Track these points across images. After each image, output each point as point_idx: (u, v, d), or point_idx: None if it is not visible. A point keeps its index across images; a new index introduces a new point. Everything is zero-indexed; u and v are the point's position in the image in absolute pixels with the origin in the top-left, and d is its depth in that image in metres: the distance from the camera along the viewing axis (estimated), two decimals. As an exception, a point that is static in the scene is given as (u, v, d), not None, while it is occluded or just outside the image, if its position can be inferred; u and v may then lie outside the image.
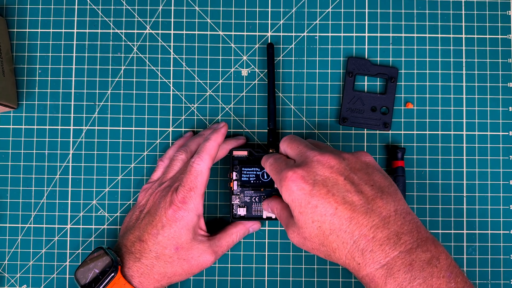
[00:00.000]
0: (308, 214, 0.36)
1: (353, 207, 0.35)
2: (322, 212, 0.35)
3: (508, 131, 0.49)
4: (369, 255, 0.34)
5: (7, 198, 0.49)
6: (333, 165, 0.37)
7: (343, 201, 0.35)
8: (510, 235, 0.48)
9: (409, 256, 0.34)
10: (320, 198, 0.36)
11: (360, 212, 0.35)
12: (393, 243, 0.34)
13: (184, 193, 0.42)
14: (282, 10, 0.50)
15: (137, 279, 0.41)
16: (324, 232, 0.36)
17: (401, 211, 0.36)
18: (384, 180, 0.38)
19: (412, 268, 0.33)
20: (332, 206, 0.35)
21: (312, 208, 0.36)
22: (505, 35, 0.50)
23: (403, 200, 0.37)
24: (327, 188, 0.36)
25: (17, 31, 0.50)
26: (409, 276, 0.33)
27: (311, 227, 0.36)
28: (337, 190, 0.36)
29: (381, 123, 0.49)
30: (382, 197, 0.36)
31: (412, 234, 0.35)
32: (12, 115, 0.49)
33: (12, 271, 0.48)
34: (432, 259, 0.34)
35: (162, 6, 0.50)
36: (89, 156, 0.49)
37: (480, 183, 0.49)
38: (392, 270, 0.34)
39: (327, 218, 0.35)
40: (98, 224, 0.49)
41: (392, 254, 0.34)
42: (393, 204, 0.36)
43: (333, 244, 0.36)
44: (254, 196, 0.46)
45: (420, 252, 0.34)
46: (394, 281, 0.34)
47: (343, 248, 0.35)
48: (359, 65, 0.49)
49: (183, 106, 0.49)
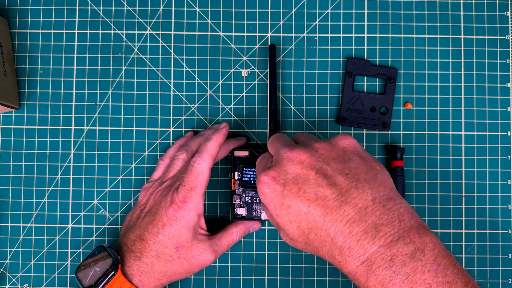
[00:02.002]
0: (284, 216, 0.35)
1: (326, 202, 0.33)
2: (296, 212, 0.34)
3: (507, 131, 0.49)
4: (348, 252, 0.32)
5: (8, 198, 0.49)
6: (303, 159, 0.35)
7: (315, 197, 0.33)
8: (509, 235, 0.48)
9: (390, 251, 0.31)
10: (291, 197, 0.34)
11: (333, 206, 0.33)
12: (371, 236, 0.31)
13: (185, 192, 0.42)
14: (282, 11, 0.50)
15: (137, 277, 0.42)
16: (304, 232, 0.34)
17: (380, 198, 0.33)
18: (362, 165, 0.35)
19: (393, 264, 0.31)
20: (304, 204, 0.33)
21: (286, 208, 0.34)
22: (504, 36, 0.50)
23: (385, 184, 0.34)
24: (298, 186, 0.34)
25: (19, 32, 0.50)
26: (390, 272, 0.31)
27: (291, 227, 0.35)
28: (308, 187, 0.34)
29: (380, 123, 0.49)
30: (357, 186, 0.33)
31: (393, 225, 0.32)
32: (14, 115, 0.50)
33: (13, 270, 0.48)
34: (415, 252, 0.31)
35: (162, 7, 0.50)
36: (90, 156, 0.49)
37: (479, 183, 0.49)
38: (372, 267, 0.31)
39: (302, 217, 0.34)
40: (99, 224, 0.49)
41: (371, 249, 0.31)
42: (370, 193, 0.33)
43: (315, 242, 0.34)
44: (255, 197, 0.46)
45: (402, 244, 0.31)
46: (375, 278, 0.31)
47: (323, 246, 0.34)
48: (359, 66, 0.49)
49: (184, 107, 0.50)
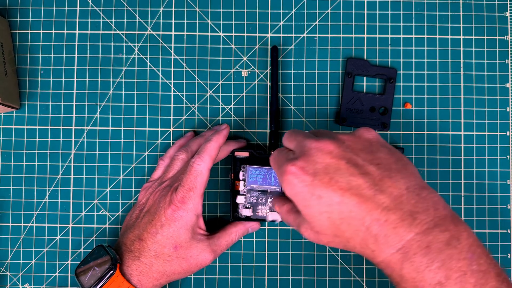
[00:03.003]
0: (314, 206, 0.34)
1: (360, 191, 0.32)
2: (328, 202, 0.33)
3: (506, 131, 0.49)
4: (383, 240, 0.32)
5: (9, 198, 0.49)
6: (332, 150, 0.34)
7: (348, 186, 0.33)
8: (508, 234, 0.49)
9: (426, 238, 0.31)
10: (323, 187, 0.33)
11: (368, 195, 0.32)
12: (407, 224, 0.31)
13: (184, 193, 0.42)
14: (282, 11, 0.50)
15: (136, 277, 0.42)
16: (334, 222, 0.33)
17: (413, 187, 0.33)
18: (390, 155, 0.35)
19: (430, 251, 0.31)
20: (337, 193, 0.33)
21: (317, 199, 0.33)
22: (503, 36, 0.50)
23: (415, 174, 0.34)
24: (329, 175, 0.33)
25: (20, 32, 0.50)
26: (426, 259, 0.31)
27: (319, 219, 0.34)
28: (340, 176, 0.33)
29: (380, 123, 0.49)
30: (391, 175, 0.33)
31: (428, 213, 0.32)
32: (15, 115, 0.50)
33: (14, 269, 0.49)
34: (451, 240, 0.31)
35: (163, 8, 0.50)
36: (91, 156, 0.49)
37: (478, 182, 0.49)
38: (408, 254, 0.31)
39: (335, 207, 0.33)
40: (99, 223, 0.49)
41: (407, 236, 0.31)
42: (403, 182, 0.33)
43: (346, 233, 0.33)
44: (260, 197, 0.46)
45: (438, 232, 0.31)
46: (411, 265, 0.31)
47: (356, 236, 0.33)
48: (358, 66, 0.49)
49: (184, 107, 0.50)
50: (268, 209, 0.46)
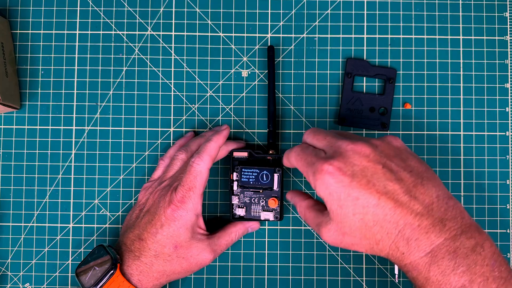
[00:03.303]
0: (349, 207, 0.35)
1: (395, 196, 0.34)
2: (364, 204, 0.34)
3: (505, 131, 0.49)
4: (414, 243, 0.33)
5: (10, 198, 0.49)
6: (368, 153, 0.35)
7: (384, 190, 0.34)
8: (507, 234, 0.49)
9: (454, 243, 0.33)
10: (361, 189, 0.34)
11: (403, 200, 0.34)
12: (438, 230, 0.33)
13: (183, 192, 0.42)
14: (282, 12, 0.50)
15: (136, 277, 0.42)
16: (366, 224, 0.34)
17: (443, 196, 0.35)
18: (420, 165, 0.36)
19: (456, 255, 0.33)
20: (374, 196, 0.34)
21: (353, 200, 0.34)
22: (502, 37, 0.50)
23: (442, 184, 0.36)
24: (366, 178, 0.34)
25: (20, 33, 0.50)
26: (453, 263, 0.33)
27: (352, 220, 0.35)
28: (377, 180, 0.34)
29: (379, 124, 0.49)
30: (423, 183, 0.35)
31: (456, 220, 0.34)
32: (15, 115, 0.50)
33: (15, 269, 0.49)
34: (476, 246, 0.33)
35: (163, 8, 0.50)
36: (91, 156, 0.50)
37: (478, 182, 0.49)
38: (436, 257, 0.33)
39: (370, 210, 0.34)
40: (100, 223, 0.49)
41: (437, 241, 0.33)
42: (434, 190, 0.35)
43: (377, 235, 0.35)
44: (253, 197, 0.46)
45: (465, 239, 0.33)
46: (438, 268, 0.33)
47: (387, 238, 0.34)
48: (358, 66, 0.49)
49: (184, 107, 0.50)
50: (261, 209, 0.46)
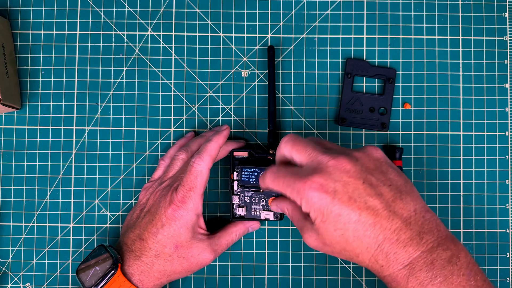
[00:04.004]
0: (331, 223, 0.35)
1: (375, 212, 0.35)
2: (345, 220, 0.35)
3: (504, 131, 0.49)
4: (393, 257, 0.34)
5: (10, 197, 0.49)
6: (349, 169, 0.36)
7: (365, 206, 0.35)
8: (507, 234, 0.49)
9: (431, 255, 0.34)
10: (342, 205, 0.35)
11: (383, 215, 0.35)
12: (416, 243, 0.34)
13: (184, 192, 0.42)
14: (282, 12, 0.50)
15: (137, 276, 0.42)
16: (347, 240, 0.35)
17: (420, 210, 0.36)
18: (399, 177, 0.37)
19: (434, 267, 0.34)
20: (355, 212, 0.35)
21: (335, 216, 0.35)
22: (502, 37, 0.50)
23: (420, 197, 0.37)
24: (348, 194, 0.35)
25: (21, 33, 0.50)
26: (430, 274, 0.34)
27: (333, 234, 0.36)
28: (358, 196, 0.35)
29: (379, 124, 0.49)
30: (402, 197, 0.36)
31: (432, 233, 0.35)
32: (16, 115, 0.50)
33: (15, 269, 0.49)
34: (452, 257, 0.34)
35: (163, 8, 0.50)
36: (92, 156, 0.50)
37: (477, 182, 0.49)
38: (414, 269, 0.34)
39: (351, 226, 0.35)
40: (100, 223, 0.49)
41: (415, 254, 0.34)
42: (412, 204, 0.36)
43: (357, 249, 0.36)
44: (253, 197, 0.47)
45: (441, 250, 0.34)
46: (416, 279, 0.34)
47: (367, 252, 0.35)
48: (358, 66, 0.49)
49: (184, 107, 0.50)
50: (261, 208, 0.46)
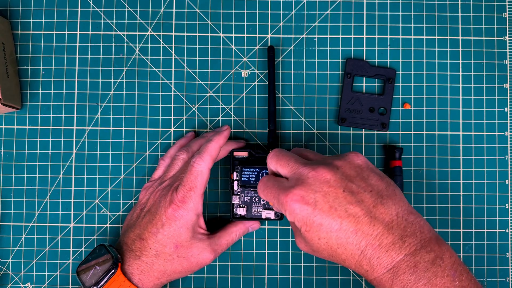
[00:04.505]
0: (314, 232, 0.36)
1: (357, 219, 0.35)
2: (327, 229, 0.36)
3: (504, 131, 0.50)
4: (376, 261, 0.35)
5: (11, 197, 0.49)
6: (329, 179, 0.37)
7: (346, 214, 0.35)
8: (506, 234, 0.49)
9: (414, 258, 0.34)
10: (323, 215, 0.36)
11: (364, 222, 0.35)
12: (398, 247, 0.35)
13: (184, 192, 0.42)
14: (282, 12, 0.50)
15: (137, 276, 0.42)
16: (331, 247, 0.36)
17: (402, 213, 0.36)
18: (381, 182, 0.38)
19: (417, 270, 0.34)
20: (336, 221, 0.35)
21: (317, 226, 0.36)
22: (501, 37, 0.50)
23: (403, 199, 0.37)
24: (329, 204, 0.36)
25: (21, 33, 0.50)
26: (414, 277, 0.34)
27: (318, 243, 0.37)
28: (338, 204, 0.36)
29: (379, 124, 0.49)
30: (383, 202, 0.36)
31: (415, 236, 0.35)
32: (16, 115, 0.50)
33: (16, 269, 0.49)
34: (436, 259, 0.35)
35: (163, 9, 0.51)
36: (92, 156, 0.50)
37: (477, 182, 0.49)
38: (398, 273, 0.35)
39: (333, 234, 0.36)
40: (100, 223, 0.49)
41: (398, 258, 0.35)
42: (394, 208, 0.36)
43: (342, 256, 0.36)
44: (254, 196, 0.47)
45: (424, 252, 0.35)
46: (400, 283, 0.34)
47: (352, 258, 0.36)
48: (357, 67, 0.50)
49: (184, 107, 0.50)
50: (262, 208, 0.46)
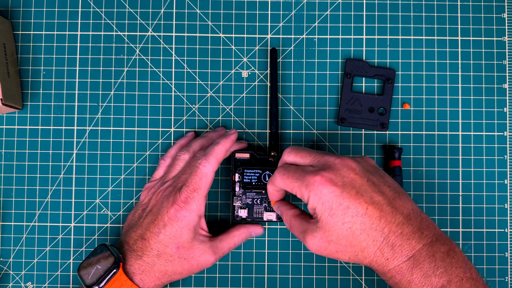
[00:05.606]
0: (339, 216, 0.37)
1: (380, 207, 0.37)
2: (353, 213, 0.37)
3: (503, 131, 0.50)
4: (398, 249, 0.36)
5: (12, 197, 0.50)
6: (354, 167, 0.39)
7: (371, 201, 0.37)
8: (505, 233, 0.49)
9: (431, 248, 0.37)
10: (350, 199, 0.37)
11: (387, 210, 0.37)
12: (418, 236, 0.37)
13: (188, 193, 0.42)
14: (282, 13, 0.51)
15: (138, 276, 0.42)
16: (354, 233, 0.37)
17: (415, 210, 0.38)
18: (393, 182, 0.40)
19: (435, 259, 0.36)
20: (362, 206, 0.37)
21: (344, 209, 0.37)
22: (500, 37, 0.50)
23: (412, 200, 0.40)
24: (355, 189, 0.37)
25: (22, 33, 0.51)
26: (433, 265, 0.36)
27: (340, 228, 0.37)
28: (364, 191, 0.37)
29: (379, 124, 0.50)
30: (400, 197, 0.38)
31: (430, 229, 0.38)
32: (17, 115, 0.50)
33: (17, 268, 0.49)
34: (449, 251, 0.37)
35: (164, 9, 0.51)
36: (93, 156, 0.50)
37: (476, 182, 0.49)
38: (418, 261, 0.36)
39: (359, 219, 0.37)
40: (101, 223, 0.50)
41: (418, 246, 0.36)
42: (409, 204, 0.38)
43: (363, 243, 0.37)
44: (255, 198, 0.47)
45: (440, 244, 0.37)
46: (420, 271, 0.36)
47: (373, 245, 0.37)
48: (357, 67, 0.50)
49: (185, 107, 0.50)
50: (263, 209, 0.46)
